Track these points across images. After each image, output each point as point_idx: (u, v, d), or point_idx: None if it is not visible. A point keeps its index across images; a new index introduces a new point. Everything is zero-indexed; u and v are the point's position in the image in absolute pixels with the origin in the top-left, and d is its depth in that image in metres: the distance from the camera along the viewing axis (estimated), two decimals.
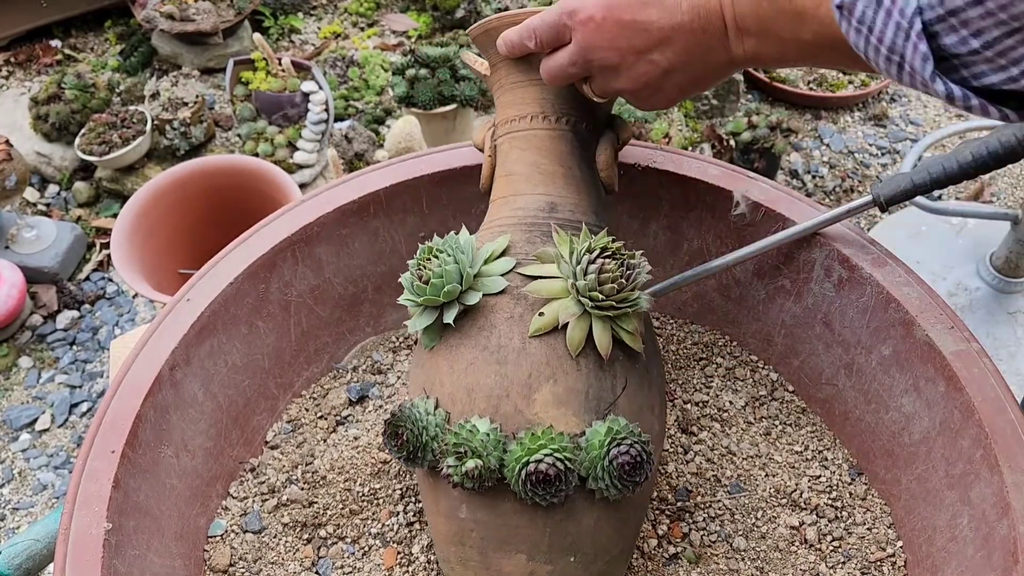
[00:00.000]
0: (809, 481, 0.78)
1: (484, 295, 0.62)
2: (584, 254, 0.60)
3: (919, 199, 1.40)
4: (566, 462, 0.57)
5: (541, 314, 0.60)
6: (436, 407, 0.62)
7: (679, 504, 0.76)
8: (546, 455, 0.57)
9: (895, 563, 0.72)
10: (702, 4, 0.53)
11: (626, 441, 0.58)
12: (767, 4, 0.51)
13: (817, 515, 0.76)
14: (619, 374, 0.61)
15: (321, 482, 0.78)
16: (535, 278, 0.62)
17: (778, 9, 0.50)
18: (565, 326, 0.60)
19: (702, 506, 0.76)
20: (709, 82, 0.60)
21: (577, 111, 0.69)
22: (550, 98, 0.68)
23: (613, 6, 0.56)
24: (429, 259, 0.63)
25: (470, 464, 0.58)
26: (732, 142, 2.02)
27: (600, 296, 0.59)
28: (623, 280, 0.59)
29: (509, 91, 0.69)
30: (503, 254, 0.64)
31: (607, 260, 0.59)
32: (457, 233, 0.66)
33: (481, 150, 0.73)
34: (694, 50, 0.55)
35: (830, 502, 0.77)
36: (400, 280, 0.65)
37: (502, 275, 0.63)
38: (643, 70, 0.58)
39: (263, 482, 0.78)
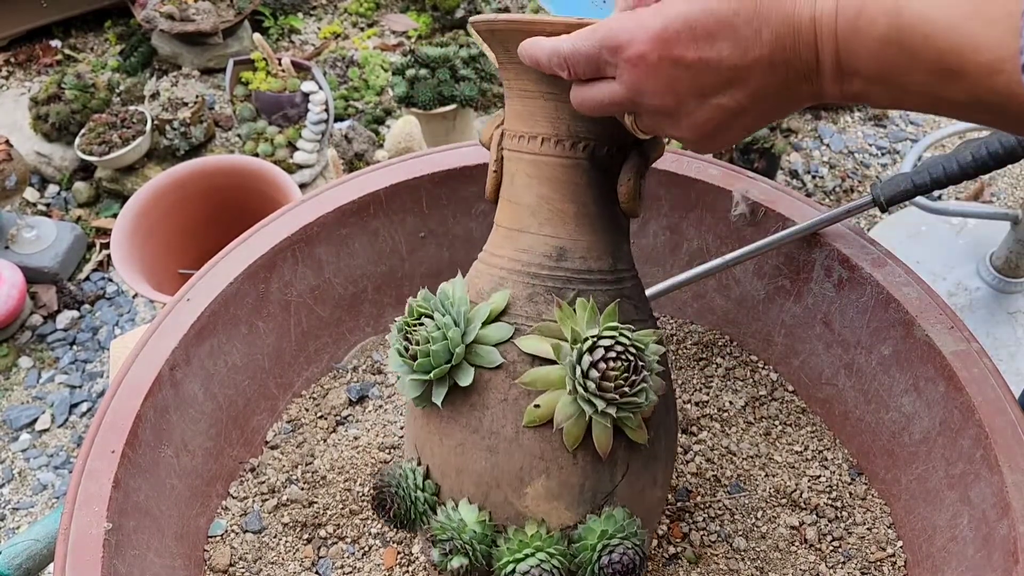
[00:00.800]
0: (809, 481, 0.78)
1: (478, 366, 0.57)
2: (586, 353, 0.53)
3: (919, 199, 1.40)
4: (554, 571, 0.55)
5: (537, 405, 0.56)
6: (426, 476, 0.61)
7: (679, 504, 0.76)
8: (533, 566, 0.55)
9: (895, 563, 0.72)
10: (788, 34, 0.43)
11: (619, 548, 0.55)
12: (896, 51, 0.40)
13: (817, 515, 0.76)
14: (620, 461, 0.58)
15: (321, 482, 0.78)
16: (533, 357, 0.57)
17: (914, 59, 0.40)
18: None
19: (702, 506, 0.76)
20: (782, 117, 0.52)
21: (598, 134, 0.57)
22: (566, 118, 0.56)
23: (670, 41, 0.45)
24: (419, 321, 0.57)
25: (455, 563, 0.56)
26: None
27: (602, 403, 0.54)
28: (628, 388, 0.53)
29: (518, 98, 0.58)
30: (503, 313, 0.58)
31: (611, 361, 0.53)
32: (452, 278, 0.61)
33: (488, 148, 0.64)
34: (773, 88, 0.45)
35: (830, 502, 0.77)
36: (387, 338, 0.61)
37: (499, 344, 0.57)
38: (708, 115, 0.47)
39: (263, 482, 0.78)
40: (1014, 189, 2.22)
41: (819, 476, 0.79)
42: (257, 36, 2.04)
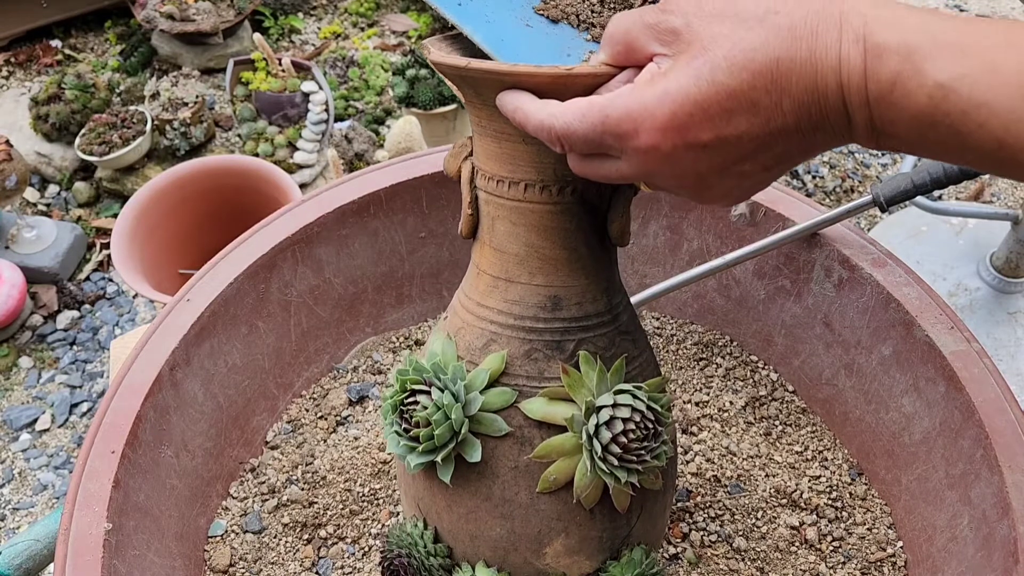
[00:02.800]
0: (809, 481, 0.78)
1: (483, 435, 0.54)
2: (603, 427, 0.51)
3: (919, 199, 1.40)
4: None
5: (551, 474, 0.54)
6: (436, 540, 0.59)
7: (679, 504, 0.76)
8: None
9: (895, 563, 0.72)
10: (813, 101, 0.38)
11: None
12: (945, 132, 0.36)
13: (817, 515, 0.76)
14: (635, 507, 0.56)
15: (321, 482, 0.78)
16: (541, 424, 0.53)
17: (966, 143, 0.36)
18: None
19: (702, 506, 0.76)
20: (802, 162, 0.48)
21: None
22: (551, 162, 0.51)
23: (683, 127, 0.40)
24: (415, 400, 0.53)
25: None
26: None
27: (623, 473, 0.52)
28: (647, 455, 0.52)
29: (493, 139, 0.51)
30: (501, 375, 0.54)
31: (630, 432, 0.51)
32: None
33: (452, 178, 0.57)
34: (799, 148, 0.42)
35: (830, 502, 0.77)
36: (380, 411, 0.60)
37: (501, 410, 0.54)
38: (731, 184, 0.43)
39: (263, 482, 0.78)
40: (1014, 189, 2.22)
41: (819, 476, 0.79)
42: (257, 36, 2.04)
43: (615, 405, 0.51)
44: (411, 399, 0.53)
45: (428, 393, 0.53)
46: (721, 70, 0.38)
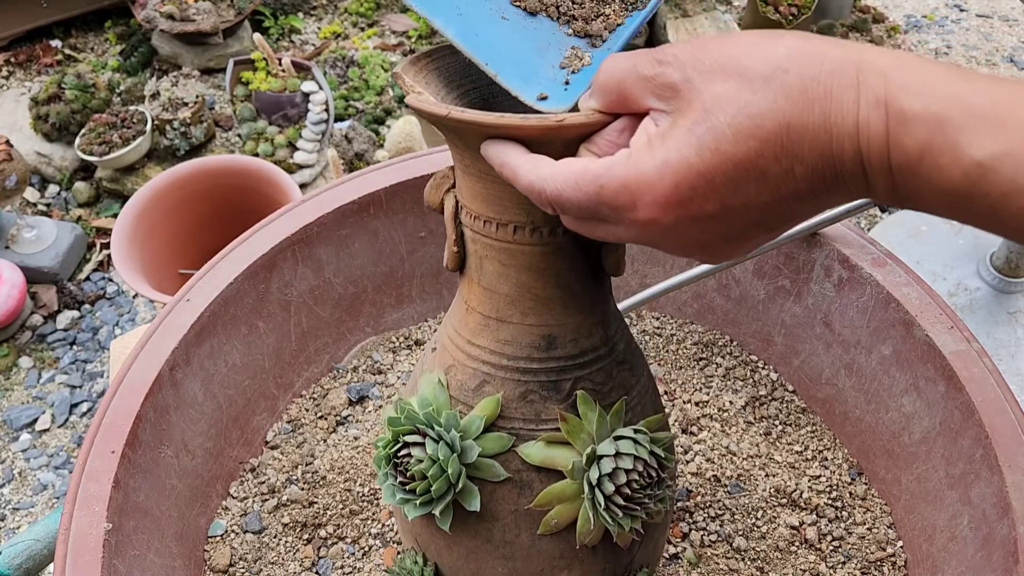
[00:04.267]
0: (809, 481, 0.78)
1: (481, 480, 0.53)
2: (605, 478, 0.49)
3: None
4: None
5: (552, 518, 0.53)
6: (437, 574, 0.58)
7: (679, 504, 0.76)
8: None
9: (895, 563, 0.72)
10: (827, 167, 0.35)
11: None
12: (983, 209, 0.33)
13: (817, 515, 0.76)
14: (636, 536, 0.56)
15: (321, 482, 0.78)
16: (540, 468, 0.52)
17: (1006, 224, 0.33)
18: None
19: (702, 506, 0.76)
20: None
21: None
22: None
23: (686, 200, 0.37)
24: (408, 453, 0.52)
25: None
26: None
27: (628, 521, 0.51)
28: (650, 503, 0.51)
29: (478, 179, 0.48)
30: (497, 419, 0.52)
31: (634, 483, 0.50)
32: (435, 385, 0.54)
33: (435, 210, 0.53)
34: (809, 209, 0.39)
35: (830, 502, 0.77)
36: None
37: (498, 455, 0.52)
38: (734, 247, 0.41)
39: (263, 482, 0.78)
40: None
41: (819, 476, 0.79)
42: (257, 36, 2.04)
43: (617, 454, 0.50)
44: (404, 450, 0.51)
45: (422, 445, 0.51)
46: (726, 138, 0.35)
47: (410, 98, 0.45)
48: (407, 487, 0.51)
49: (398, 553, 0.73)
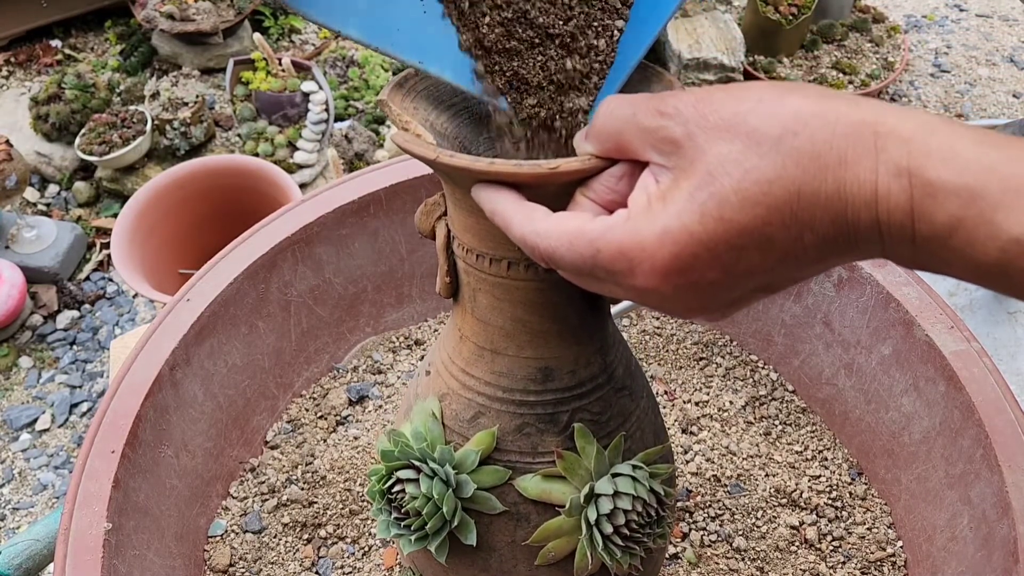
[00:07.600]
0: (809, 481, 0.78)
1: (478, 512, 0.52)
2: (604, 519, 0.48)
3: None
4: None
5: (549, 550, 0.52)
6: None
7: (679, 504, 0.76)
8: None
9: (895, 563, 0.72)
10: (840, 234, 0.33)
11: None
12: (1020, 281, 0.31)
13: (817, 515, 0.76)
14: (634, 573, 0.55)
15: (321, 482, 0.78)
16: (536, 503, 0.51)
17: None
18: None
19: (702, 506, 0.76)
20: None
21: None
22: None
23: (687, 269, 0.35)
24: (402, 490, 0.51)
25: None
26: None
27: (627, 559, 0.50)
28: (649, 541, 0.50)
29: (469, 214, 0.46)
30: (493, 451, 0.51)
31: (633, 523, 0.49)
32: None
33: (425, 237, 0.52)
34: (818, 271, 0.37)
35: (830, 502, 0.77)
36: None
37: (495, 488, 0.51)
38: (742, 307, 0.39)
39: (263, 482, 0.78)
40: None
41: (819, 476, 0.79)
42: (257, 36, 2.04)
43: (616, 494, 0.48)
44: (398, 485, 0.51)
45: (416, 481, 0.50)
46: (730, 205, 0.33)
47: (396, 136, 0.42)
48: (402, 523, 0.50)
49: (398, 555, 0.73)
